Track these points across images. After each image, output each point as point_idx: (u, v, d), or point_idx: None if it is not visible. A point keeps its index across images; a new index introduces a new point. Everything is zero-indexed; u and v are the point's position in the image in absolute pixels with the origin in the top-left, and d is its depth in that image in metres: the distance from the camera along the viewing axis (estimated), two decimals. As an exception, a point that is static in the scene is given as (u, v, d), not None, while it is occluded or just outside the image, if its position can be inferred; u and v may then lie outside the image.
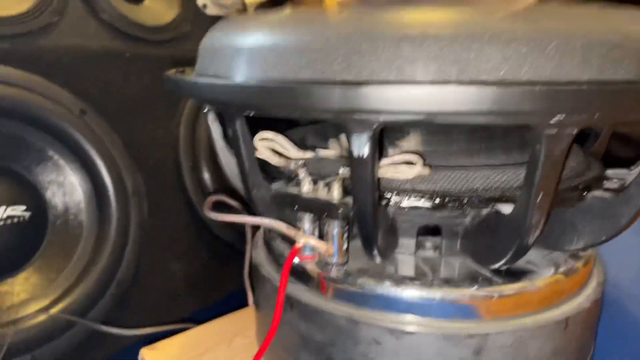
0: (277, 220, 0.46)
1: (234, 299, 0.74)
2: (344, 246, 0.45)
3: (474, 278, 0.43)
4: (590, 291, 0.47)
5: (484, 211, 0.43)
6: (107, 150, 0.76)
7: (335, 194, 0.43)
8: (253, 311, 0.60)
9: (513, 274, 0.44)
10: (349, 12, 0.40)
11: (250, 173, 0.47)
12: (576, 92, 0.31)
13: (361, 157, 0.36)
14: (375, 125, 0.34)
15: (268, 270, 0.52)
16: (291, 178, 0.47)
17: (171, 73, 0.49)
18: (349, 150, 0.36)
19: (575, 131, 0.33)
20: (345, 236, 0.44)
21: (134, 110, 0.82)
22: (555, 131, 0.33)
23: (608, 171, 0.49)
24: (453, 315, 0.42)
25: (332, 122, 0.36)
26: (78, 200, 0.76)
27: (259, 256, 0.55)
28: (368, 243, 0.43)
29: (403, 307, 0.43)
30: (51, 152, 0.73)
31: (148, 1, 0.88)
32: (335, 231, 0.44)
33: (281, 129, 0.50)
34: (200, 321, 0.68)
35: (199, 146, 0.91)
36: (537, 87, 0.30)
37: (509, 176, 0.42)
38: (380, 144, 0.41)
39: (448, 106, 0.31)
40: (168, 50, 0.86)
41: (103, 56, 0.78)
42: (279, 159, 0.48)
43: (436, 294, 0.42)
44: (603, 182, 0.47)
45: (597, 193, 0.45)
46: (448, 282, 0.43)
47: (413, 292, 0.42)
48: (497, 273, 0.44)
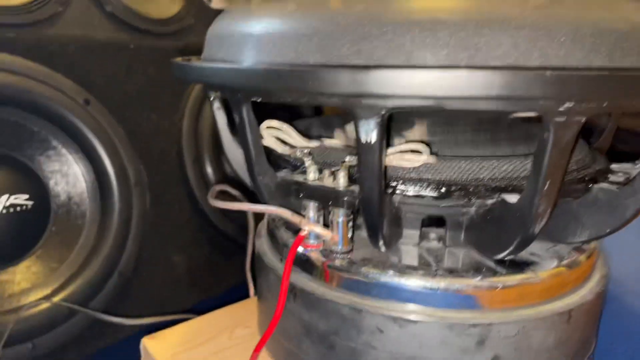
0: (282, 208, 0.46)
1: (236, 293, 0.74)
2: (349, 234, 0.45)
3: (478, 268, 0.43)
4: (593, 284, 0.47)
5: (490, 201, 0.43)
6: (111, 140, 0.76)
7: (341, 182, 0.43)
8: (255, 302, 0.60)
9: (517, 265, 0.44)
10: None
11: (256, 160, 0.47)
12: (586, 78, 0.31)
13: (369, 143, 0.36)
14: (383, 110, 0.34)
15: (271, 259, 0.52)
16: (296, 167, 0.48)
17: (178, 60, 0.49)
18: (357, 136, 0.36)
19: (583, 119, 0.33)
20: (350, 224, 0.44)
21: (138, 101, 0.82)
22: (564, 119, 0.33)
23: (613, 165, 0.49)
24: (456, 304, 0.42)
25: (341, 108, 0.36)
26: (81, 190, 0.76)
27: (262, 246, 0.55)
28: (373, 231, 0.43)
29: (407, 296, 0.43)
30: (55, 142, 0.74)
31: (152, -6, 0.89)
32: (340, 219, 0.44)
33: (285, 121, 0.50)
34: (201, 313, 0.67)
35: (202, 138, 0.91)
36: (548, 72, 0.30)
37: (516, 166, 0.42)
38: (387, 134, 0.41)
39: (457, 91, 0.31)
40: (172, 42, 0.86)
41: (107, 47, 0.78)
42: (285, 147, 0.48)
43: (440, 284, 0.42)
44: (608, 176, 0.47)
45: (603, 185, 0.45)
46: (452, 272, 0.43)
47: (417, 282, 0.42)
48: (501, 264, 0.44)
